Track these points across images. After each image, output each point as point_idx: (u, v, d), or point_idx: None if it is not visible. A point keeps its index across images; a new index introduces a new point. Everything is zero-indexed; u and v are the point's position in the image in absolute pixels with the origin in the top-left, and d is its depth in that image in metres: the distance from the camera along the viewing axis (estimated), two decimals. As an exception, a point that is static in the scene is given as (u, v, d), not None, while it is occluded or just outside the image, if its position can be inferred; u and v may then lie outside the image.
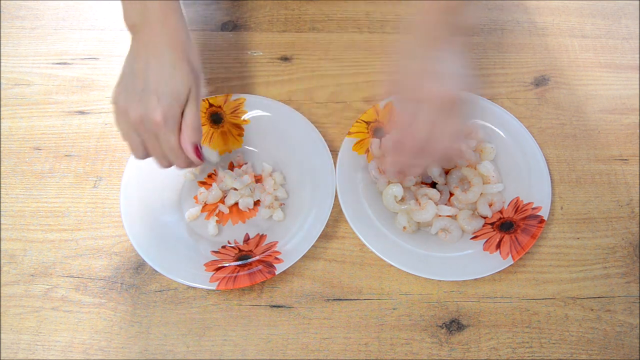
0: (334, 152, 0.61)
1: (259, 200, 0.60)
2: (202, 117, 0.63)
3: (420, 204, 0.57)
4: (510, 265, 0.54)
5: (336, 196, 0.57)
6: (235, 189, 0.60)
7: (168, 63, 0.50)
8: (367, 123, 0.63)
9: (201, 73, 0.53)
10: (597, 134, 0.66)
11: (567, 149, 0.65)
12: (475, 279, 0.56)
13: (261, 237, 0.58)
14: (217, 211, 0.60)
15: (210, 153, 0.57)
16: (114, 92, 0.51)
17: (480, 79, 0.69)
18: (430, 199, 0.57)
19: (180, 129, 0.50)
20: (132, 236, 0.55)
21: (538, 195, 0.58)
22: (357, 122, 0.63)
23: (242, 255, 0.56)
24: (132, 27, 0.52)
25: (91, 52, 0.71)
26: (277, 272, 0.53)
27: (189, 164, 0.52)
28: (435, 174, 0.59)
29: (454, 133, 0.50)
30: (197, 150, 0.51)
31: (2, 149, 0.64)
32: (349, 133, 0.62)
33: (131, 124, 0.50)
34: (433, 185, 0.60)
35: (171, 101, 0.49)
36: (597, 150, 0.65)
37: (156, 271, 0.54)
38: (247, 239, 0.58)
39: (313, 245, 0.54)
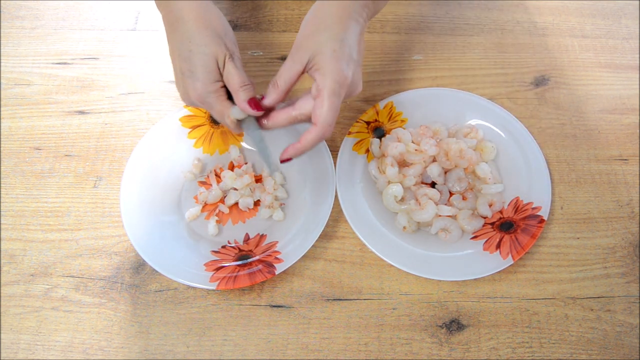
0: (334, 152, 0.61)
1: (259, 200, 0.60)
2: (201, 118, 0.63)
3: (420, 203, 0.57)
4: (510, 265, 0.54)
5: (336, 196, 0.57)
6: (235, 189, 0.60)
7: (186, 38, 0.50)
8: (367, 123, 0.63)
9: (229, 34, 0.53)
10: (597, 134, 0.66)
11: (567, 149, 0.65)
12: (475, 279, 0.56)
13: (261, 237, 0.58)
14: (217, 211, 0.60)
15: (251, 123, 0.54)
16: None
17: (480, 78, 0.69)
18: (430, 199, 0.57)
19: (224, 93, 0.52)
20: (132, 236, 0.55)
21: (538, 195, 0.58)
22: (357, 122, 0.63)
23: (242, 255, 0.56)
24: (159, 11, 0.54)
25: (91, 52, 0.71)
26: (277, 272, 0.53)
27: (236, 127, 0.53)
28: (435, 173, 0.59)
29: None
30: (254, 103, 0.50)
31: (2, 149, 0.64)
32: (349, 133, 0.62)
33: (193, 105, 0.54)
34: (433, 185, 0.60)
35: (201, 77, 0.50)
36: (597, 150, 0.65)
37: (156, 271, 0.54)
38: (247, 239, 0.58)
39: (313, 245, 0.54)
